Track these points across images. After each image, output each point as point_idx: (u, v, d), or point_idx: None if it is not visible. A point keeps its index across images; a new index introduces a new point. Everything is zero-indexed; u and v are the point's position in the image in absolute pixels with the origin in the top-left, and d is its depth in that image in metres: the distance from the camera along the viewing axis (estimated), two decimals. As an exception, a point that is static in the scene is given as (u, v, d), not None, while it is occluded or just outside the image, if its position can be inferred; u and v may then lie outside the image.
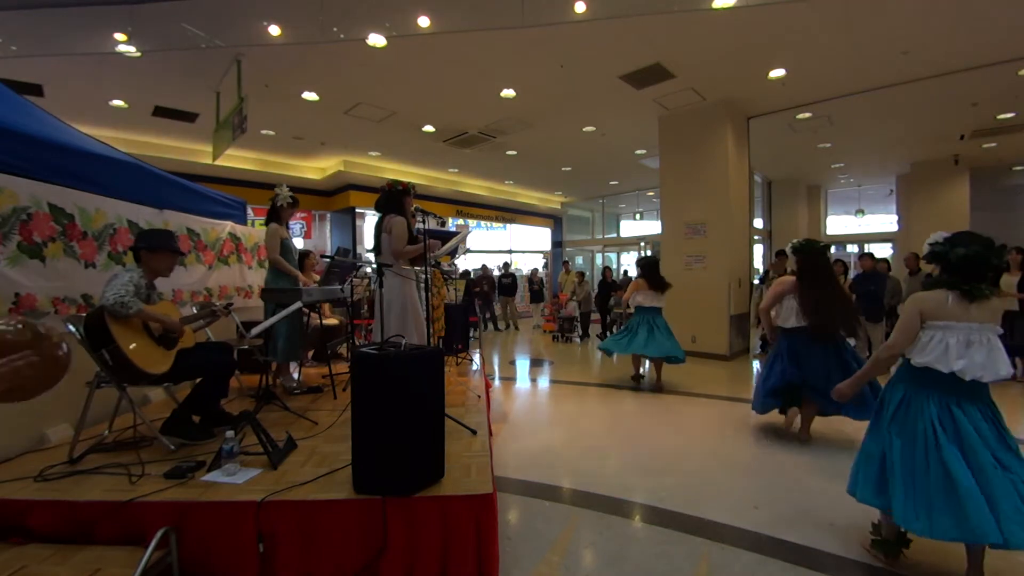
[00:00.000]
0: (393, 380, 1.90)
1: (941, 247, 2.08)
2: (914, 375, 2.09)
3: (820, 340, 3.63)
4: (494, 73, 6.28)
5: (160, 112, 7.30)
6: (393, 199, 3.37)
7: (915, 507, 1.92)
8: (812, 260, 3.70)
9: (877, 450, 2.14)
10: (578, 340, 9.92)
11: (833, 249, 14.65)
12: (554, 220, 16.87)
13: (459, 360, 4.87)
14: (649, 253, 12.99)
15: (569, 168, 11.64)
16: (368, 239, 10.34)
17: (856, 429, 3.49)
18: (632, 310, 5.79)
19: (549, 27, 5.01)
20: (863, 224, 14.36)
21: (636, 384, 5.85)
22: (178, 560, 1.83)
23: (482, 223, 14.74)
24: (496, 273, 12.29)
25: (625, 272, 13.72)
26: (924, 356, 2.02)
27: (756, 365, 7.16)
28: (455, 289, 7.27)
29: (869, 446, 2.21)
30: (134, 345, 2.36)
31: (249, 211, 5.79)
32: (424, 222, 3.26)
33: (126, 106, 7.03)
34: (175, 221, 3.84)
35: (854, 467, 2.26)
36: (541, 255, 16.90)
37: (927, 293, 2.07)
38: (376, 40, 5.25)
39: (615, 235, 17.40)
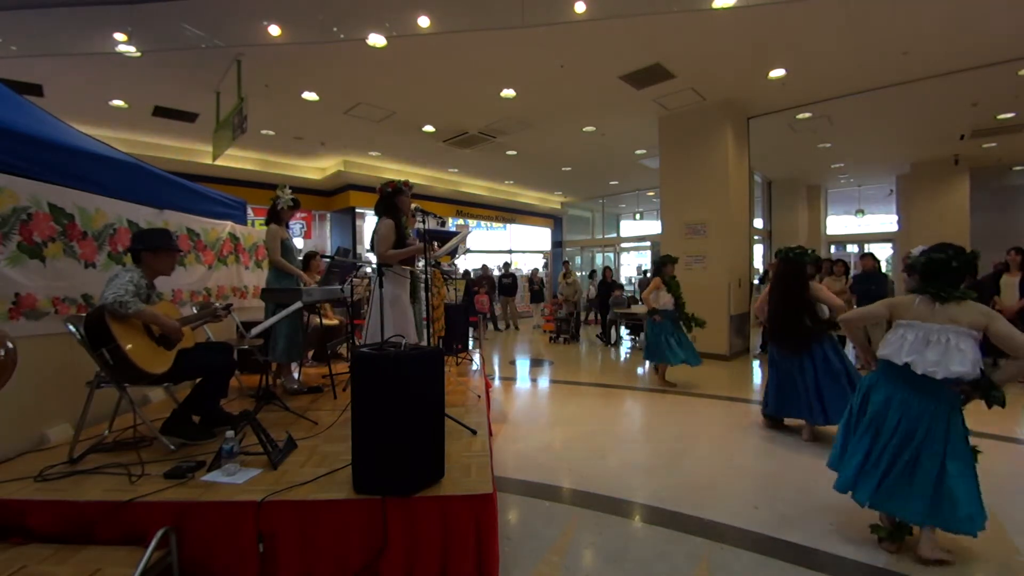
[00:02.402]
0: (393, 380, 1.90)
1: (914, 259, 2.34)
2: (887, 373, 2.28)
3: (777, 347, 3.89)
4: (494, 73, 6.28)
5: (160, 112, 7.30)
6: (384, 201, 3.33)
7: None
8: (787, 269, 3.82)
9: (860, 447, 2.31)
10: (571, 341, 9.79)
11: (833, 249, 14.67)
12: (554, 220, 16.86)
13: (459, 360, 4.87)
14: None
15: (569, 168, 11.64)
16: (368, 239, 10.36)
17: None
18: (657, 313, 5.53)
19: (549, 27, 5.01)
20: (863, 224, 14.37)
21: (672, 387, 5.65)
22: (178, 560, 1.83)
23: (482, 223, 14.74)
24: (496, 273, 12.29)
25: (647, 271, 13.45)
26: (883, 349, 2.27)
27: (756, 365, 7.16)
28: (455, 289, 7.26)
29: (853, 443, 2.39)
30: (134, 345, 2.36)
31: (249, 211, 5.79)
32: (424, 222, 3.26)
33: (126, 106, 7.03)
34: (175, 221, 3.84)
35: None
36: (541, 255, 16.90)
37: (900, 296, 2.32)
38: (376, 40, 5.25)
39: (615, 235, 17.41)
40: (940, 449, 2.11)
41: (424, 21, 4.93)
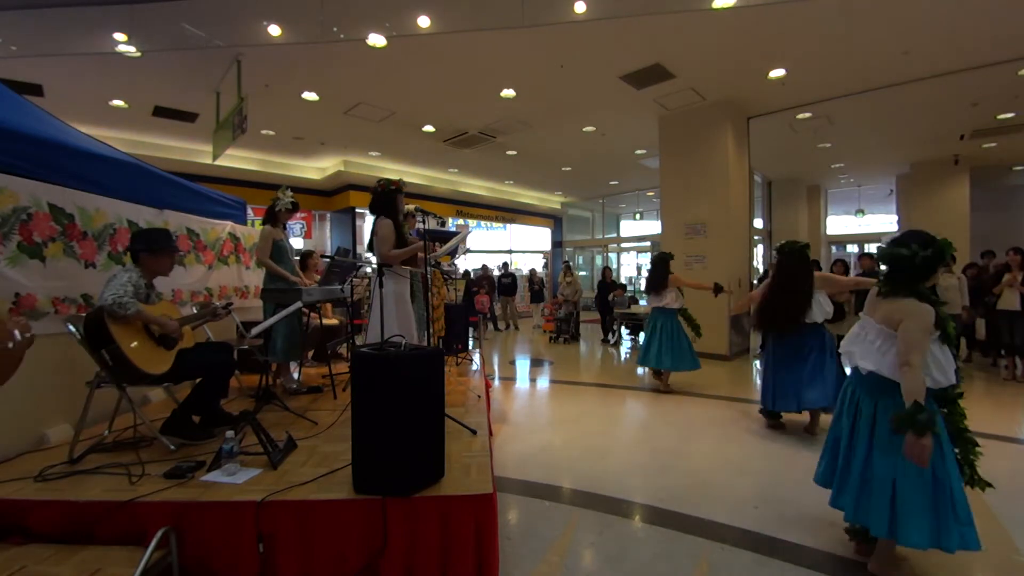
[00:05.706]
0: (393, 380, 1.89)
1: (880, 250, 2.25)
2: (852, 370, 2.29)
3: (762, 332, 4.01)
4: (494, 73, 6.28)
5: (160, 112, 7.31)
6: (382, 200, 3.27)
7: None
8: (781, 261, 3.88)
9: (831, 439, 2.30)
10: (569, 340, 9.73)
11: (833, 249, 14.67)
12: (554, 220, 16.87)
13: (459, 360, 4.87)
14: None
15: (569, 168, 11.64)
16: (368, 239, 10.36)
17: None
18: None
19: (549, 27, 5.01)
20: (863, 224, 14.36)
21: (666, 390, 5.51)
22: (178, 560, 1.83)
23: (482, 223, 14.75)
24: (496, 273, 12.29)
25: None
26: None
27: (757, 365, 7.16)
28: (455, 289, 7.26)
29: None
30: (134, 345, 2.36)
31: (249, 211, 5.79)
32: (424, 222, 3.25)
33: (126, 106, 7.03)
34: (175, 221, 3.84)
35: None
36: (541, 255, 16.90)
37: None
38: (376, 40, 5.24)
39: (615, 235, 17.41)
40: (867, 436, 2.02)
41: (424, 21, 4.93)
